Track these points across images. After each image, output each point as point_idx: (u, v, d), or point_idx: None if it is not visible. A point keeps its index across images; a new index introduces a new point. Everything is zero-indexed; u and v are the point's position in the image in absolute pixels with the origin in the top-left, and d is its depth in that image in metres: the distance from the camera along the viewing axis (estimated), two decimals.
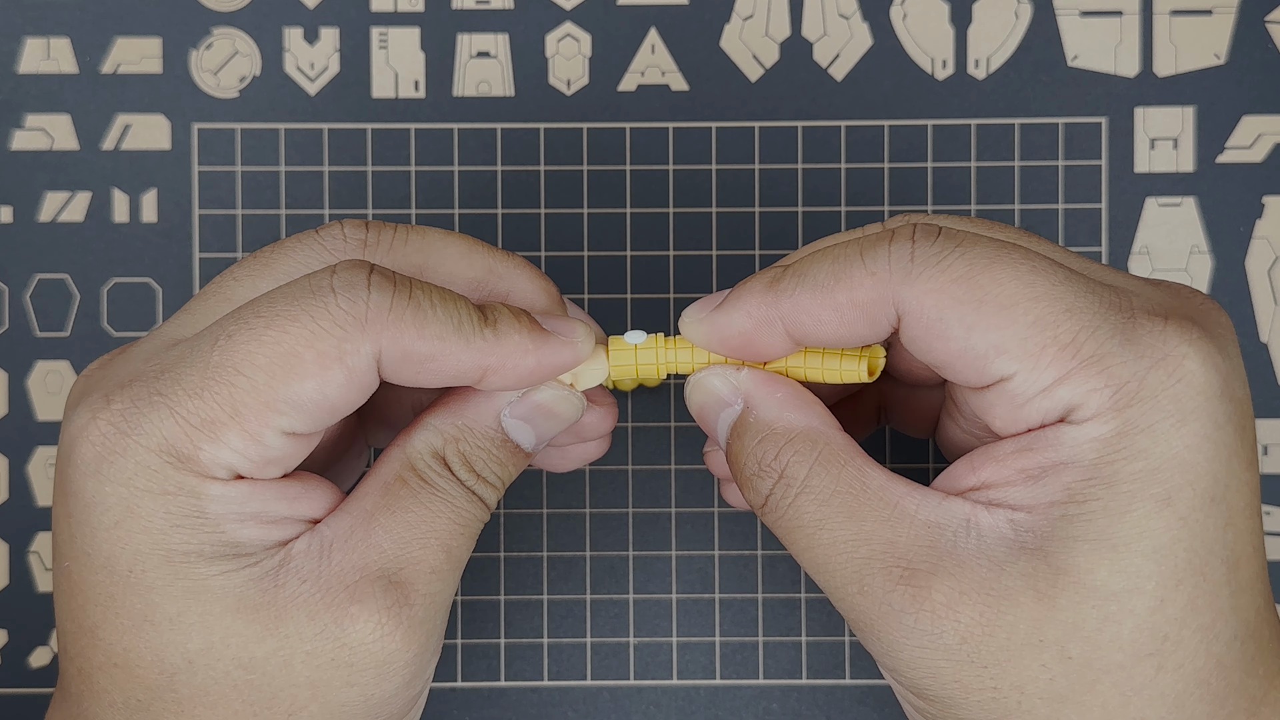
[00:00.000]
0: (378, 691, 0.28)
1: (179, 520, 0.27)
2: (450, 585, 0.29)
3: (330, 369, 0.27)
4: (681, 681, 0.40)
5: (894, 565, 0.27)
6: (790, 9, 0.40)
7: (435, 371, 0.28)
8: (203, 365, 0.27)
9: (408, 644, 0.28)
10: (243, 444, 0.27)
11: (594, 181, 0.40)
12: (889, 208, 0.40)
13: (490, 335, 0.28)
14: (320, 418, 0.28)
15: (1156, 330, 0.27)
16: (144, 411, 0.27)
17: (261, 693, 0.27)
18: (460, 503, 0.29)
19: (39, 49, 0.40)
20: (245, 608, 0.27)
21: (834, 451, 0.29)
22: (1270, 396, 0.40)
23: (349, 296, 0.27)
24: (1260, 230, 0.40)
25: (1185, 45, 0.40)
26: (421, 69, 0.40)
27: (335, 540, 0.28)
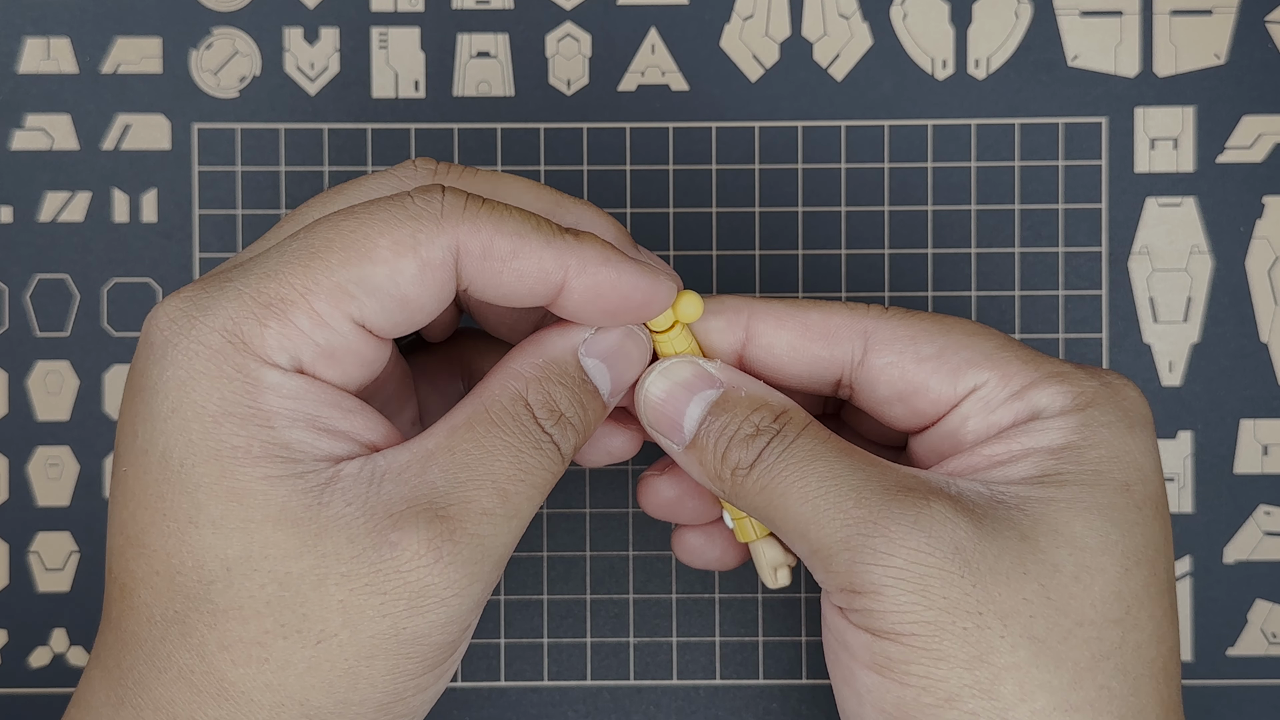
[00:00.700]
0: (410, 625, 0.27)
1: (232, 408, 0.27)
2: (504, 533, 0.28)
3: (404, 256, 0.27)
4: (681, 681, 0.40)
5: (891, 484, 0.29)
6: (790, 9, 0.40)
7: (518, 272, 0.28)
8: (278, 252, 0.27)
9: (445, 579, 0.27)
10: (310, 325, 0.27)
11: (594, 181, 0.40)
12: (889, 208, 0.40)
13: (571, 239, 0.28)
14: (392, 311, 0.27)
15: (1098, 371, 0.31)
16: (213, 294, 0.27)
17: (293, 613, 0.26)
18: (524, 447, 0.28)
19: (39, 49, 0.40)
20: (286, 519, 0.26)
21: (821, 426, 0.30)
22: (1270, 396, 0.40)
23: (425, 199, 0.28)
24: (1260, 230, 0.40)
25: (1185, 45, 0.40)
26: (421, 69, 0.40)
27: (389, 471, 0.27)
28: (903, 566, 0.28)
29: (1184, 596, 0.40)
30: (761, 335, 0.31)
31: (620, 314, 0.29)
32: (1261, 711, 0.40)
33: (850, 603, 0.28)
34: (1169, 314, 0.40)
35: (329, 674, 0.27)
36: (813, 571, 0.29)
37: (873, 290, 0.40)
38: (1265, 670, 0.40)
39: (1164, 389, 0.40)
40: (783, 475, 0.29)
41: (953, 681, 0.27)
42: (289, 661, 0.26)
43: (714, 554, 0.34)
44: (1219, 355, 0.40)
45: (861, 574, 0.28)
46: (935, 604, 0.27)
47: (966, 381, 0.30)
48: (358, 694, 0.27)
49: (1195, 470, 0.40)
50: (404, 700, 0.28)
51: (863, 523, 0.28)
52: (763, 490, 0.29)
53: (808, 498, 0.29)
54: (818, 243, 0.40)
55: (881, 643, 0.28)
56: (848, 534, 0.28)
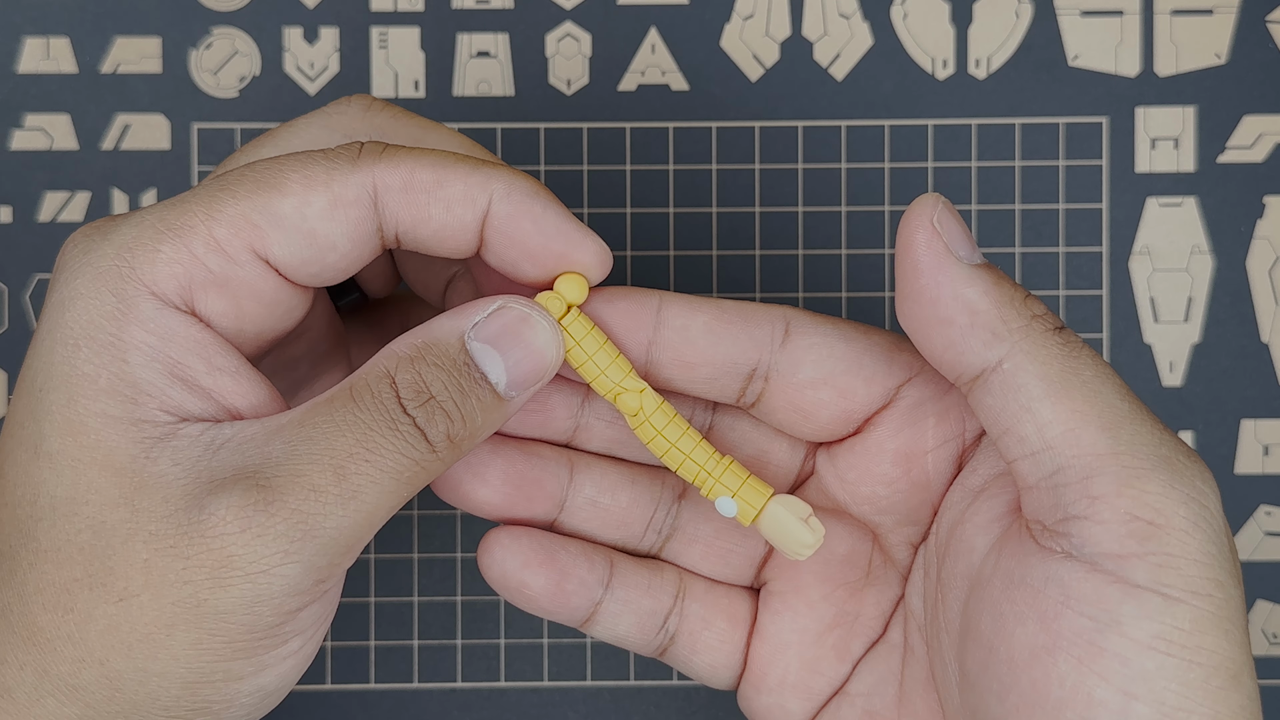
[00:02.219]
0: (211, 598, 0.25)
1: (94, 332, 0.25)
2: (335, 514, 0.25)
3: (314, 190, 0.26)
4: (681, 682, 0.40)
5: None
6: (790, 9, 0.40)
7: (444, 201, 0.26)
8: (191, 189, 0.27)
9: (251, 552, 0.25)
10: (205, 250, 0.26)
11: (594, 181, 0.40)
12: (889, 208, 0.40)
13: (500, 166, 0.27)
14: (298, 246, 0.26)
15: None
16: (119, 222, 0.26)
17: (101, 564, 0.25)
18: (375, 425, 0.26)
19: (39, 49, 0.40)
20: (111, 465, 0.25)
21: None
22: (1271, 397, 0.40)
23: (345, 147, 0.27)
24: (1261, 230, 0.40)
25: (1186, 45, 0.40)
26: (421, 69, 0.40)
27: (232, 440, 0.26)
28: (1208, 506, 0.24)
29: None
30: (675, 317, 0.29)
31: (539, 257, 0.27)
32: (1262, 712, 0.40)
33: (1143, 542, 0.24)
34: (1170, 314, 0.40)
35: (129, 636, 0.25)
36: (1063, 486, 0.25)
37: (873, 290, 0.40)
38: (1265, 670, 0.40)
39: (1164, 389, 0.40)
40: (1098, 361, 0.26)
41: (1238, 659, 0.24)
42: (91, 615, 0.25)
43: (518, 564, 0.30)
44: (1220, 355, 0.40)
45: (1168, 502, 0.24)
46: (1225, 563, 0.24)
47: (903, 360, 0.29)
48: (158, 664, 0.25)
49: None
50: (212, 683, 0.26)
51: (1181, 450, 0.25)
52: (1074, 357, 0.26)
53: (1126, 396, 0.25)
54: (818, 243, 0.40)
55: (1176, 609, 0.24)
56: (1169, 453, 0.24)
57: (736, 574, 0.31)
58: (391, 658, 0.40)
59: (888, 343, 0.29)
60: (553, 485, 0.30)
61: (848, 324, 0.29)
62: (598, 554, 0.31)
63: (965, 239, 0.26)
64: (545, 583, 0.30)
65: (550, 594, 0.30)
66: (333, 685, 0.40)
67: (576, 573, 0.30)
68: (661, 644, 0.31)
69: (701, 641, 0.31)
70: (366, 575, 0.40)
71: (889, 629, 0.30)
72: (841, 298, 0.40)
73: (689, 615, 0.31)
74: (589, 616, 0.31)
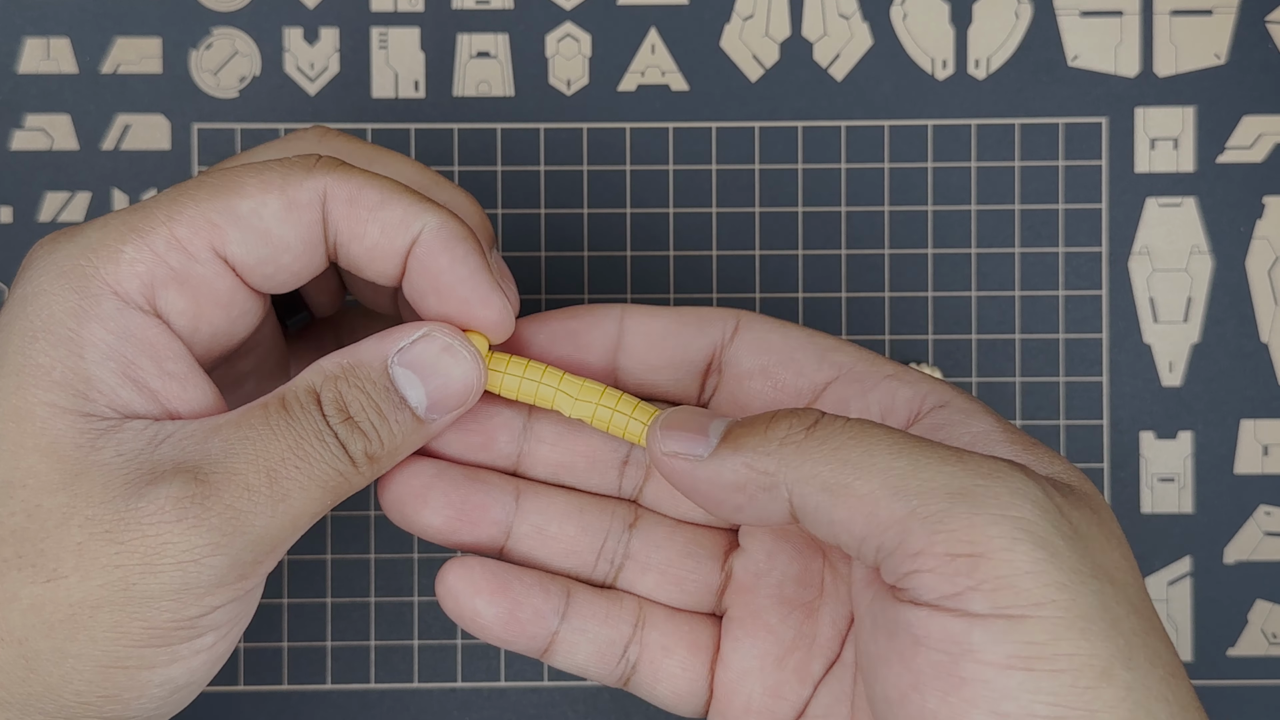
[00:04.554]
0: (140, 583, 0.26)
1: (52, 326, 0.26)
2: (265, 513, 0.26)
3: (269, 194, 0.27)
4: None
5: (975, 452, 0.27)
6: (790, 9, 0.40)
7: (382, 222, 0.28)
8: (156, 196, 0.28)
9: (185, 542, 0.26)
10: (166, 248, 0.27)
11: (594, 181, 0.40)
12: (889, 208, 0.40)
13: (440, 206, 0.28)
14: (254, 245, 0.27)
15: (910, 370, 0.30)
16: (85, 227, 0.27)
17: (32, 546, 0.26)
18: (308, 438, 0.27)
19: (39, 49, 0.40)
20: (53, 452, 0.26)
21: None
22: (1270, 397, 0.40)
23: (302, 157, 0.28)
24: (1260, 230, 0.40)
25: (1185, 45, 0.40)
26: (421, 69, 0.40)
27: (173, 436, 0.27)
28: (1031, 518, 0.24)
29: (1184, 596, 0.40)
30: (637, 325, 0.31)
31: (446, 298, 0.28)
32: (1261, 711, 0.40)
33: (968, 575, 0.24)
34: (1169, 314, 0.40)
35: (51, 616, 0.26)
36: (881, 555, 0.25)
37: (873, 290, 0.40)
38: (1265, 670, 0.40)
39: (1164, 389, 0.40)
40: (858, 430, 0.26)
41: (1103, 653, 0.24)
42: (15, 595, 0.26)
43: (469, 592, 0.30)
44: (1219, 355, 0.40)
45: (982, 529, 0.24)
46: (1064, 564, 0.24)
47: (832, 362, 0.30)
48: (76, 645, 0.26)
49: (1195, 470, 0.40)
50: (125, 669, 0.26)
51: (977, 472, 0.25)
52: (835, 450, 0.26)
53: (900, 450, 0.25)
54: (818, 243, 0.40)
55: (1022, 626, 0.24)
56: (963, 484, 0.25)
57: (695, 601, 0.32)
58: (391, 658, 0.40)
59: (828, 342, 0.30)
60: (497, 511, 0.31)
61: (794, 325, 0.31)
62: (554, 583, 0.31)
63: (694, 437, 0.28)
64: (498, 612, 0.30)
65: (504, 623, 0.30)
66: (333, 685, 0.40)
67: (530, 602, 0.30)
68: (624, 674, 0.31)
69: (664, 670, 0.31)
70: (367, 575, 0.40)
71: (844, 649, 0.30)
72: (841, 298, 0.40)
73: (649, 644, 0.31)
74: (546, 646, 0.31)
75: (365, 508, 0.40)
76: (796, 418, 0.27)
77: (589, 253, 0.40)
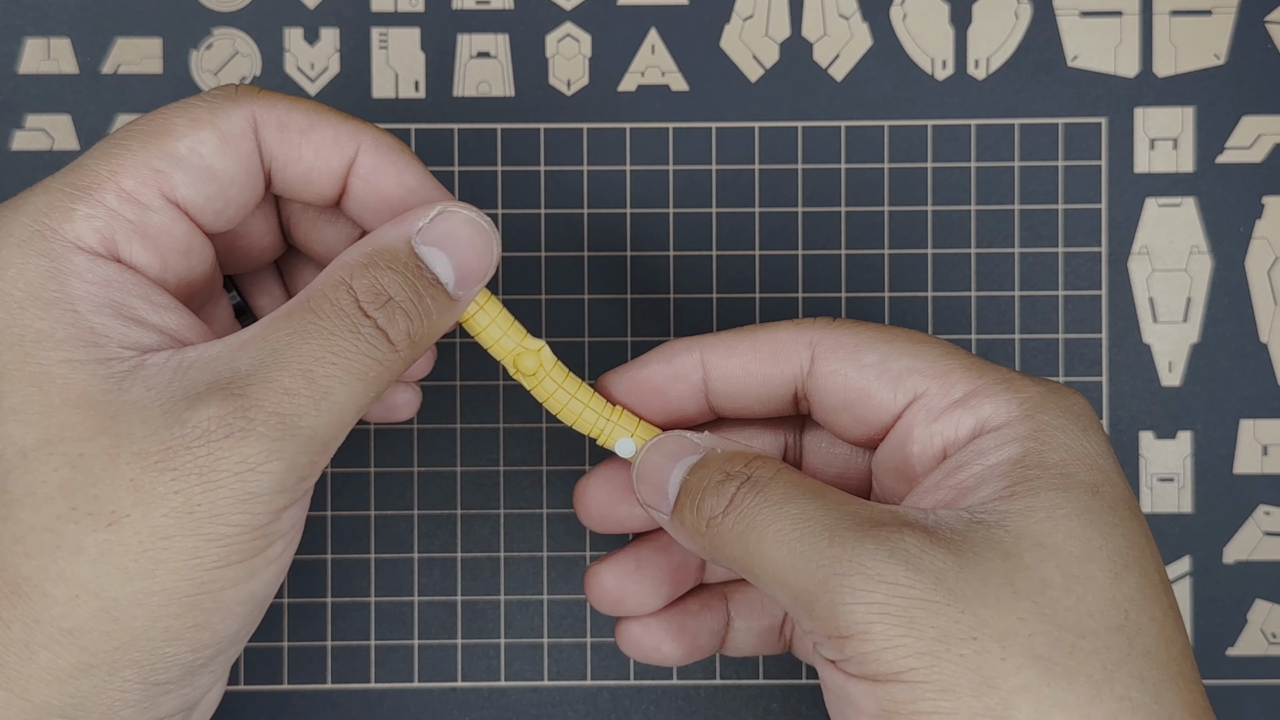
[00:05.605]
0: (204, 500, 0.26)
1: (37, 292, 0.26)
2: (310, 413, 0.27)
3: (202, 130, 0.28)
4: (681, 681, 0.40)
5: (864, 520, 0.28)
6: (790, 9, 0.40)
7: (315, 144, 0.28)
8: (85, 154, 0.28)
9: (238, 453, 0.26)
10: (119, 202, 0.27)
11: (594, 181, 0.40)
12: (889, 208, 0.40)
13: (368, 124, 0.29)
14: (201, 184, 0.28)
15: (1040, 379, 0.30)
16: (26, 194, 0.28)
17: (85, 494, 0.26)
18: (338, 330, 0.27)
19: (39, 49, 0.40)
20: (84, 402, 0.26)
21: (793, 469, 0.30)
22: (1270, 396, 0.40)
23: (220, 88, 0.29)
24: (1260, 230, 0.40)
25: (1185, 45, 0.40)
26: (421, 69, 0.40)
27: (198, 361, 0.27)
28: (884, 601, 0.26)
29: (1184, 596, 0.40)
30: (716, 368, 0.32)
31: (397, 212, 0.29)
32: (1261, 711, 0.40)
33: (841, 650, 0.27)
34: (1169, 314, 0.40)
35: (123, 558, 0.26)
36: (799, 622, 0.28)
37: (873, 290, 0.40)
38: (1265, 670, 0.40)
39: (1164, 389, 0.40)
40: (757, 519, 0.28)
41: (963, 713, 0.26)
42: (81, 547, 0.25)
43: (652, 644, 0.34)
44: (1219, 355, 0.40)
45: (844, 615, 0.27)
46: (926, 634, 0.26)
47: (908, 388, 0.30)
48: (156, 582, 0.26)
49: (1195, 470, 0.40)
50: (209, 593, 0.26)
51: (838, 561, 0.27)
52: (739, 537, 0.28)
53: (783, 540, 0.28)
54: (818, 243, 0.40)
55: (883, 688, 0.27)
56: (824, 575, 0.27)
57: None
58: (391, 658, 0.40)
59: (901, 365, 0.30)
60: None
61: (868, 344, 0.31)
62: (714, 598, 0.35)
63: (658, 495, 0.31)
64: (681, 651, 0.34)
65: (685, 654, 0.34)
66: (333, 685, 0.40)
67: (704, 627, 0.34)
68: (784, 646, 0.35)
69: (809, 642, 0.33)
70: (367, 575, 0.40)
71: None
72: (841, 298, 0.40)
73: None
74: (719, 647, 0.35)
75: (365, 508, 0.40)
76: (718, 493, 0.29)
77: (589, 253, 0.40)
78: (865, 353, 0.31)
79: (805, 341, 0.31)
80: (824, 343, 0.31)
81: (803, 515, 0.28)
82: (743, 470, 0.29)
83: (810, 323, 0.31)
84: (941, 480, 0.29)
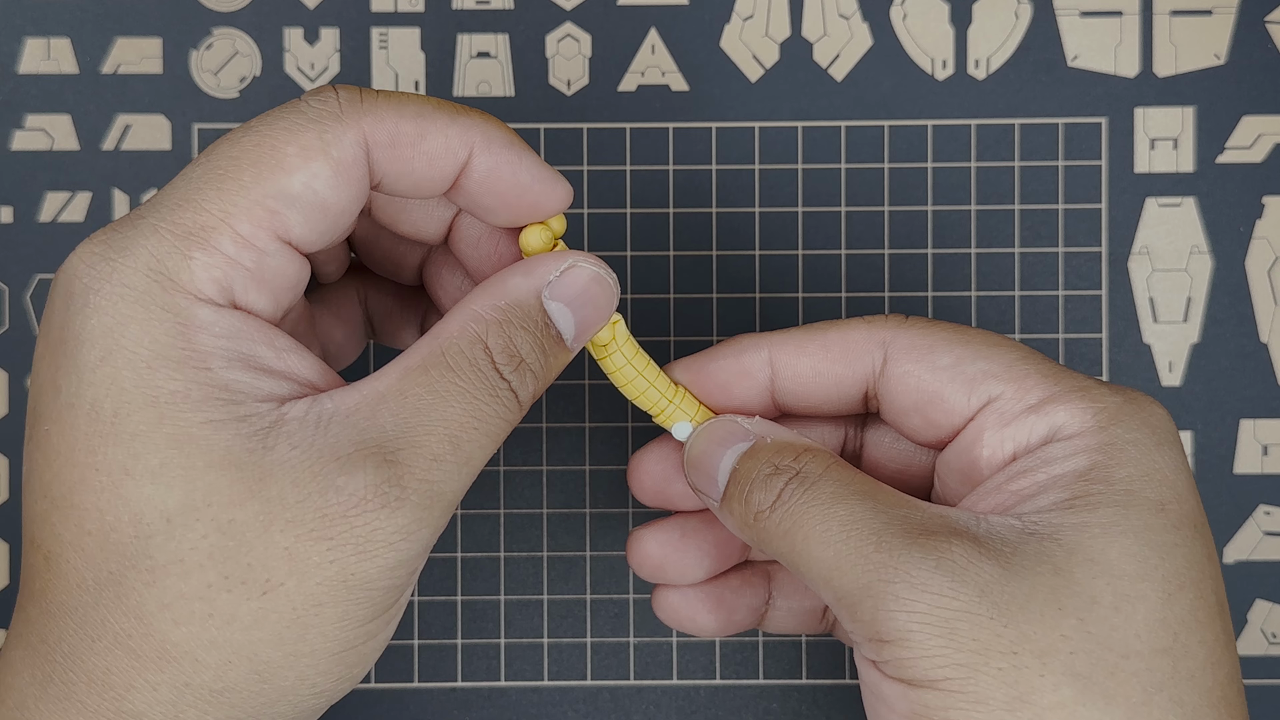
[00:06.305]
0: (358, 570, 0.26)
1: (166, 351, 0.25)
2: (454, 479, 0.27)
3: (315, 160, 0.26)
4: (681, 681, 0.40)
5: (913, 527, 0.28)
6: (790, 9, 0.40)
7: (427, 155, 0.27)
8: (185, 181, 0.26)
9: (393, 524, 0.26)
10: (236, 249, 0.26)
11: (594, 181, 0.40)
12: (889, 208, 0.40)
13: (476, 116, 0.28)
14: (315, 220, 0.27)
15: (1120, 388, 0.30)
16: (129, 234, 0.26)
17: (237, 563, 0.25)
18: (480, 394, 0.27)
19: (39, 49, 0.40)
20: (230, 464, 0.25)
21: (846, 464, 0.30)
22: (1270, 396, 0.40)
23: (320, 99, 0.27)
24: (1260, 230, 0.40)
25: (1185, 45, 0.40)
26: (421, 69, 0.40)
27: (337, 414, 0.26)
28: (927, 611, 0.26)
29: None
30: (785, 366, 0.31)
31: (514, 205, 0.29)
32: (1262, 711, 0.40)
33: (880, 653, 0.27)
34: (1169, 314, 0.40)
35: (277, 625, 0.26)
36: (841, 620, 0.28)
37: (873, 290, 0.40)
38: (1265, 670, 0.40)
39: (1164, 389, 0.40)
40: (804, 518, 0.28)
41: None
42: (234, 615, 0.25)
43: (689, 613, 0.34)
44: (1219, 355, 0.40)
45: (886, 621, 0.27)
46: (965, 646, 0.26)
47: (982, 392, 0.30)
48: (307, 644, 0.26)
49: (1195, 470, 0.40)
50: (355, 649, 0.27)
51: (884, 568, 0.27)
52: (785, 534, 0.28)
53: (829, 542, 0.28)
54: (818, 243, 0.40)
55: (917, 692, 0.27)
56: (869, 580, 0.27)
57: None
58: (391, 658, 0.40)
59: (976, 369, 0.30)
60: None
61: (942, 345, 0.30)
62: (756, 575, 0.34)
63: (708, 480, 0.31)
64: (718, 622, 0.34)
65: (722, 626, 0.34)
66: None
67: (742, 602, 0.34)
68: (825, 629, 0.35)
69: None
70: None
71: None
72: (841, 298, 0.40)
73: None
74: (757, 624, 0.35)
75: None
76: (766, 487, 0.29)
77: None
78: (940, 355, 0.30)
79: (878, 342, 0.31)
80: (897, 343, 0.30)
81: (851, 517, 0.28)
82: (791, 465, 0.29)
83: (882, 321, 0.31)
84: (1003, 484, 0.29)
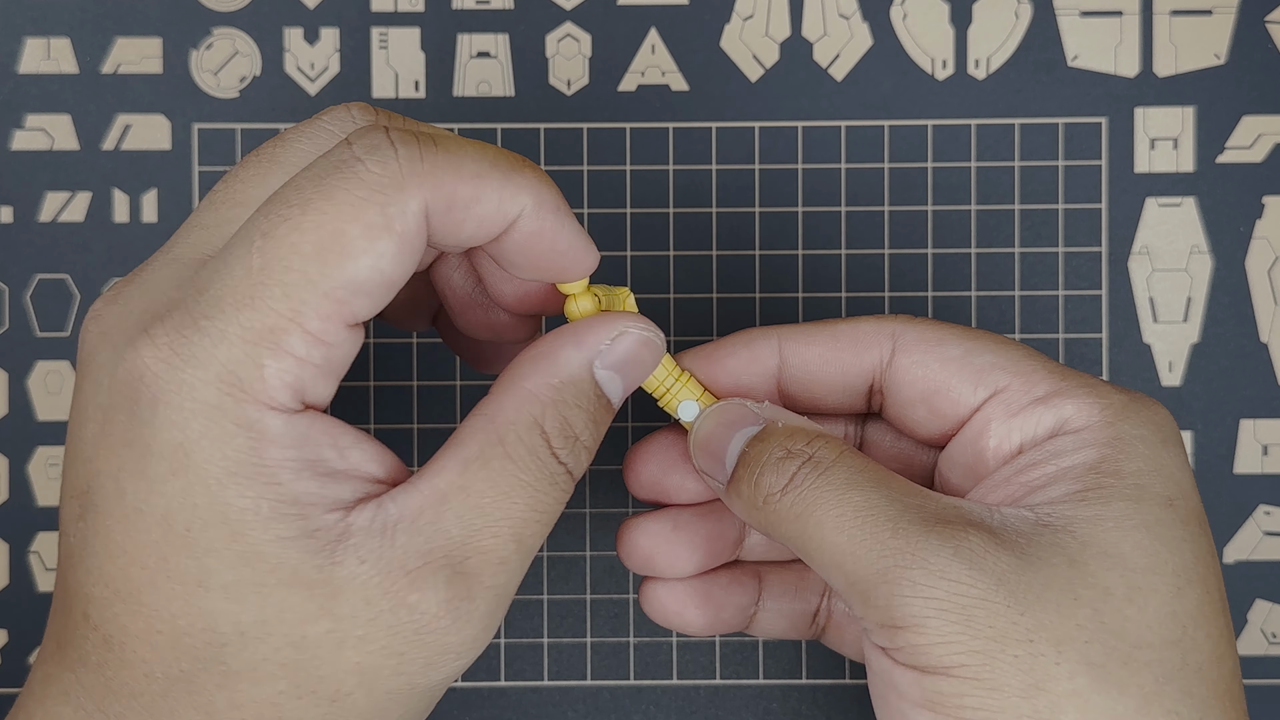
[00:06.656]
0: (424, 681, 0.27)
1: (237, 469, 0.25)
2: (517, 576, 0.28)
3: (380, 240, 0.25)
4: (681, 681, 0.40)
5: (930, 515, 0.28)
6: (790, 9, 0.40)
7: (479, 219, 0.26)
8: (245, 272, 0.25)
9: (462, 638, 0.27)
10: (307, 349, 0.25)
11: (594, 181, 0.40)
12: (889, 208, 0.40)
13: (529, 174, 0.27)
14: (380, 299, 0.26)
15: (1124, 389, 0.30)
16: (193, 340, 0.25)
17: (309, 675, 0.26)
18: (540, 484, 0.27)
19: (39, 49, 0.40)
20: (301, 582, 0.25)
21: (858, 452, 0.30)
22: (1270, 396, 0.40)
23: (378, 159, 0.25)
24: (1260, 230, 0.40)
25: (1185, 45, 0.40)
26: (421, 69, 0.40)
27: (402, 520, 0.26)
28: (944, 598, 0.26)
29: None
30: (793, 354, 0.31)
31: (544, 268, 0.28)
32: (1262, 711, 0.40)
33: (893, 640, 0.27)
34: (1169, 314, 0.40)
35: None
36: (851, 607, 0.29)
37: (873, 290, 0.40)
38: (1265, 670, 0.40)
39: (1164, 389, 0.40)
40: (818, 502, 0.28)
41: (1010, 712, 0.26)
42: (302, 719, 0.26)
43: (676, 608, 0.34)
44: (1219, 355, 0.40)
45: (901, 607, 0.27)
46: (982, 633, 0.26)
47: (989, 384, 0.30)
48: None
49: (1195, 470, 0.40)
50: None
51: (900, 554, 0.27)
52: (797, 518, 0.28)
53: (843, 527, 0.28)
54: (818, 243, 0.40)
55: (931, 679, 0.27)
56: (885, 565, 0.27)
57: None
58: None
59: (984, 360, 0.30)
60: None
61: (952, 339, 0.31)
62: (746, 574, 0.34)
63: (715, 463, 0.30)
64: (706, 619, 0.33)
65: (710, 625, 0.34)
66: None
67: (731, 600, 0.34)
68: (815, 634, 0.35)
69: (848, 634, 0.34)
70: None
71: None
72: (841, 298, 0.40)
73: (836, 610, 0.34)
74: (746, 626, 0.34)
75: None
76: (778, 471, 0.29)
77: None
78: (949, 347, 0.31)
79: (887, 333, 0.31)
80: (907, 336, 0.31)
81: (866, 504, 0.28)
82: (804, 449, 0.29)
83: (891, 318, 0.31)
84: (1012, 476, 0.29)
